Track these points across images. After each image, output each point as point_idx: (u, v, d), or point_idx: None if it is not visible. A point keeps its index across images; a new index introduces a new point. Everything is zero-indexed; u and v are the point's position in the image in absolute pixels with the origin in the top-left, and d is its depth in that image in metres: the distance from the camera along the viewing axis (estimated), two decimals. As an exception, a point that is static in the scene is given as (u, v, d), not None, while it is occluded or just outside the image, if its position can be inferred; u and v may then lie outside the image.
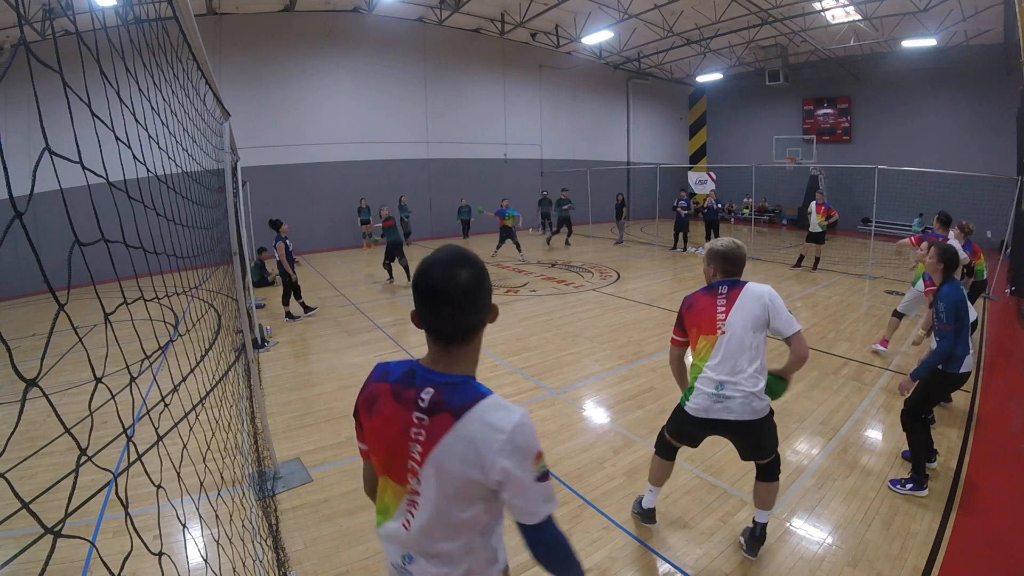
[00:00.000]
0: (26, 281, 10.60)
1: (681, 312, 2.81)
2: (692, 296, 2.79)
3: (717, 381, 2.59)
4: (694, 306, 2.74)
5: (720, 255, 2.72)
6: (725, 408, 2.58)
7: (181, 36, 2.30)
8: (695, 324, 2.72)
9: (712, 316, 2.65)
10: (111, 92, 1.32)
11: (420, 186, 16.80)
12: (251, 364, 3.96)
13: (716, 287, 2.72)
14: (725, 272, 2.72)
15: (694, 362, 2.74)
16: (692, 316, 2.74)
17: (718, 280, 2.74)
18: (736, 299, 2.63)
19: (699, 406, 2.66)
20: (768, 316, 2.60)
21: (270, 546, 2.86)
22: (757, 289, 2.64)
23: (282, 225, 8.11)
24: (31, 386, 0.75)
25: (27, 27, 9.98)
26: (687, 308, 2.78)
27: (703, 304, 2.71)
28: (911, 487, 3.41)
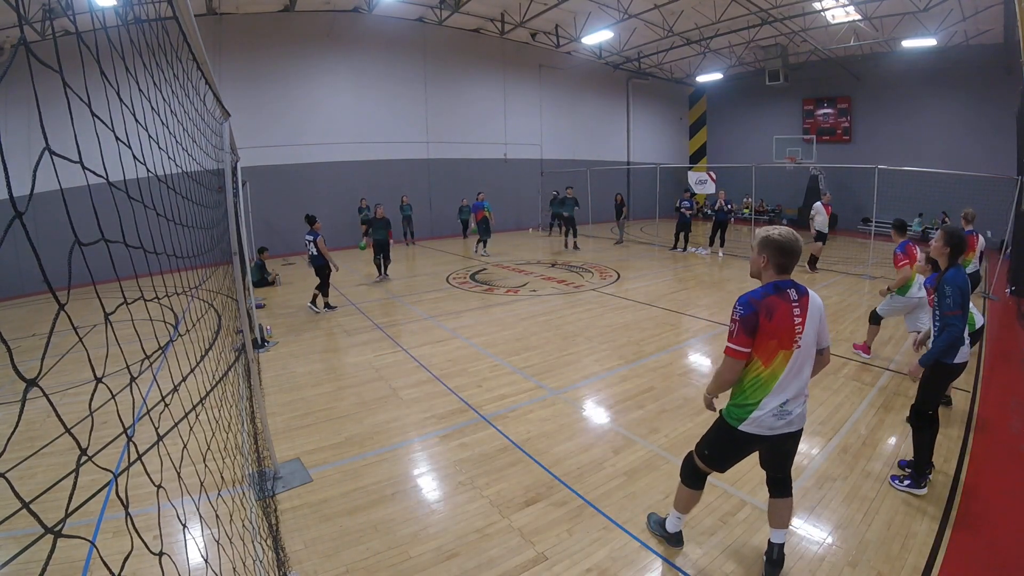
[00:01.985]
0: (26, 281, 10.60)
1: (758, 319, 2.34)
2: (767, 299, 2.36)
3: (783, 399, 2.40)
4: (775, 314, 2.34)
5: (776, 246, 2.40)
6: (788, 423, 2.44)
7: (181, 36, 2.30)
8: (775, 335, 2.35)
9: (791, 328, 2.36)
10: (111, 92, 1.32)
11: (420, 186, 16.81)
12: (251, 364, 3.96)
13: (785, 290, 2.39)
14: (779, 267, 2.42)
15: (759, 377, 2.41)
16: (773, 325, 2.34)
17: (777, 279, 2.43)
18: (807, 309, 2.40)
19: (762, 425, 2.43)
20: (822, 326, 2.49)
21: (270, 546, 2.86)
22: (817, 300, 2.47)
23: (316, 221, 8.29)
24: (31, 386, 0.75)
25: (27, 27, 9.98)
26: (766, 315, 2.34)
27: (782, 312, 2.35)
28: (908, 484, 3.42)
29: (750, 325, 2.36)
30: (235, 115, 4.68)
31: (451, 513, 3.33)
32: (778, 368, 2.39)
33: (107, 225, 1.09)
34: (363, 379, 5.60)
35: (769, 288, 2.41)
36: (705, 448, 2.69)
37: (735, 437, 2.52)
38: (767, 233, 2.46)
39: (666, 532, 2.98)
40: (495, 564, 2.87)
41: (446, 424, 4.54)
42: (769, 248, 2.43)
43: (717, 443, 2.63)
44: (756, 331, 2.36)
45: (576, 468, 3.81)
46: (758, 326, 2.35)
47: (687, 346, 6.51)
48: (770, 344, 2.37)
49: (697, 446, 2.75)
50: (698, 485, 2.78)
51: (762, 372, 2.40)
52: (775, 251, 2.42)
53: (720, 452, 2.64)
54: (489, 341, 6.74)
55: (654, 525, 3.08)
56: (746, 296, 2.40)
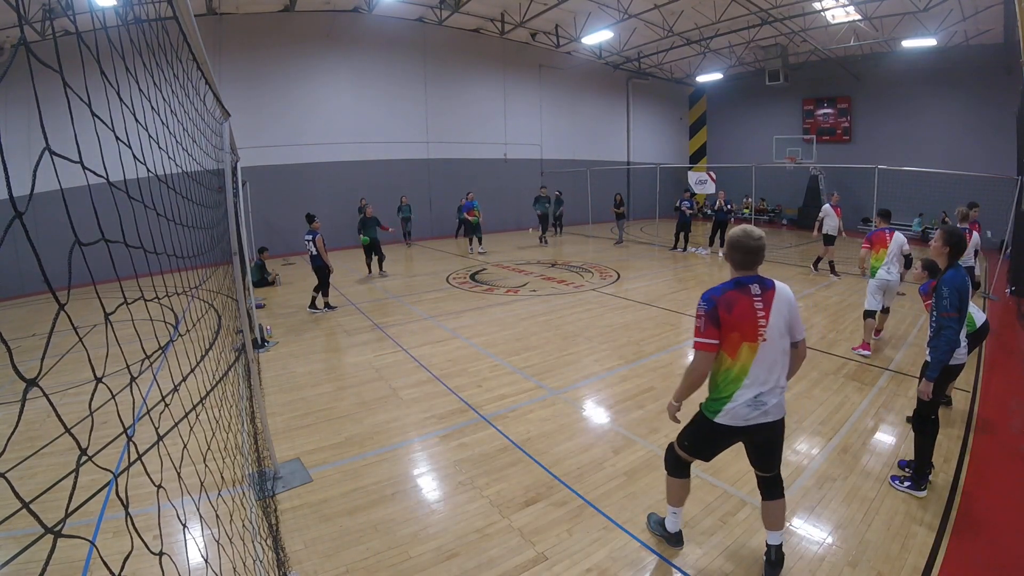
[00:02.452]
0: (26, 281, 10.60)
1: (718, 313, 2.44)
2: (726, 294, 2.46)
3: (757, 391, 2.47)
4: (734, 307, 2.44)
5: (732, 244, 2.53)
6: (763, 413, 2.50)
7: (181, 36, 2.30)
8: (736, 328, 2.44)
9: (754, 321, 2.44)
10: (111, 92, 1.32)
11: (420, 186, 16.81)
12: (251, 364, 3.96)
13: (747, 285, 2.49)
14: (737, 263, 2.53)
15: (728, 370, 2.50)
16: (733, 319, 2.43)
17: (742, 275, 2.53)
18: (772, 303, 2.47)
19: (736, 416, 2.50)
20: (793, 319, 2.54)
21: (270, 546, 2.86)
22: (787, 293, 2.53)
23: (315, 220, 8.27)
24: (31, 386, 0.75)
25: (27, 27, 9.98)
26: (726, 309, 2.44)
27: (743, 306, 2.44)
28: (908, 485, 3.41)
29: (714, 318, 2.46)
30: (235, 115, 4.68)
31: (451, 513, 3.34)
32: (746, 361, 2.47)
33: (107, 225, 1.09)
34: (363, 379, 5.60)
35: (730, 284, 2.52)
36: (685, 440, 2.76)
37: (713, 429, 2.60)
38: (729, 232, 2.59)
39: (666, 532, 2.98)
40: (495, 564, 2.87)
41: (446, 424, 4.54)
42: (728, 246, 2.57)
43: (696, 435, 2.72)
44: (720, 324, 2.45)
45: (576, 468, 3.81)
46: (719, 320, 2.45)
47: (687, 346, 6.51)
48: (732, 336, 2.45)
49: (678, 437, 2.82)
50: (684, 473, 2.84)
51: (731, 366, 2.49)
52: (731, 248, 2.55)
53: (700, 443, 2.72)
54: (489, 341, 6.74)
55: (654, 525, 3.09)
56: (707, 292, 2.52)
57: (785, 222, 21.06)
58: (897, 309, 8.01)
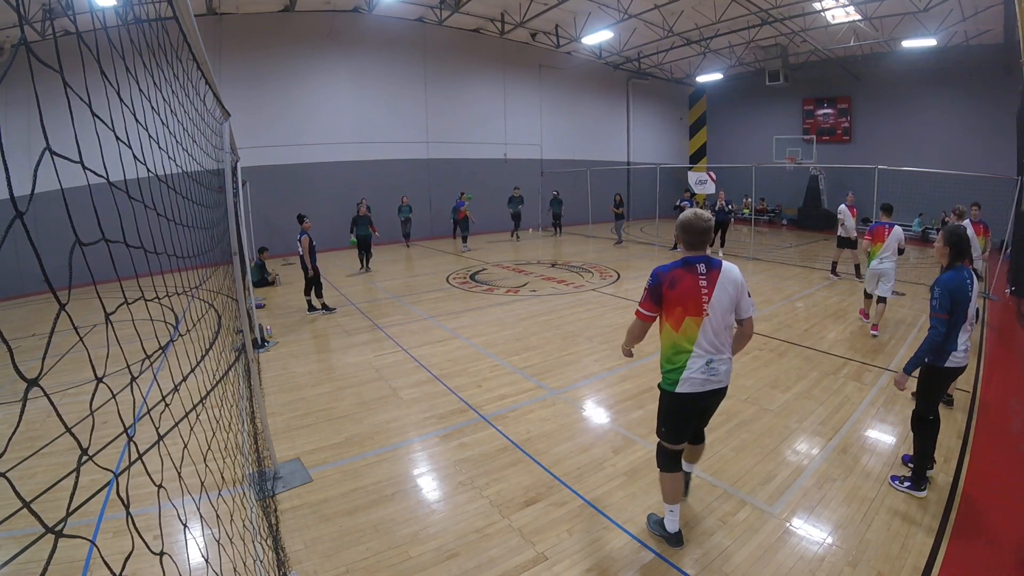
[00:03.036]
0: (26, 281, 10.60)
1: (661, 288, 2.70)
2: (671, 272, 2.71)
3: (707, 359, 2.72)
4: (677, 284, 2.68)
5: (681, 226, 2.77)
6: (716, 379, 2.75)
7: (181, 36, 2.30)
8: (680, 303, 2.69)
9: (697, 298, 2.68)
10: (111, 92, 1.32)
11: (420, 186, 16.81)
12: (251, 364, 3.96)
13: (693, 265, 2.71)
14: (686, 244, 2.77)
15: (676, 342, 2.74)
16: (676, 295, 2.68)
17: (687, 255, 2.76)
18: (716, 281, 2.70)
19: (694, 383, 2.74)
20: (739, 297, 2.76)
21: (270, 546, 2.86)
22: (733, 273, 2.75)
23: (305, 220, 8.12)
24: (32, 386, 0.75)
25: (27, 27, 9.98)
26: (668, 285, 2.69)
27: (687, 284, 2.68)
28: (908, 485, 3.41)
29: (656, 294, 2.73)
30: (235, 115, 4.68)
31: (451, 513, 3.34)
32: (691, 332, 2.71)
33: (107, 225, 1.09)
34: (363, 379, 5.60)
35: (678, 263, 2.75)
36: (662, 427, 2.93)
37: (678, 400, 2.80)
38: (681, 216, 2.81)
39: (665, 532, 3.00)
40: (495, 564, 2.87)
41: (446, 424, 4.54)
42: (679, 228, 2.79)
43: (667, 414, 2.89)
44: (661, 299, 2.72)
45: (576, 468, 3.81)
46: (662, 295, 2.71)
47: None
48: (676, 311, 2.71)
49: (657, 431, 2.99)
50: (675, 467, 2.95)
51: (677, 337, 2.73)
52: (680, 230, 2.79)
53: (673, 422, 2.88)
54: (489, 341, 6.74)
55: (654, 525, 3.10)
56: (656, 269, 2.77)
57: (785, 222, 21.06)
58: (897, 310, 8.01)
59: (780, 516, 3.20)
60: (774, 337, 6.59)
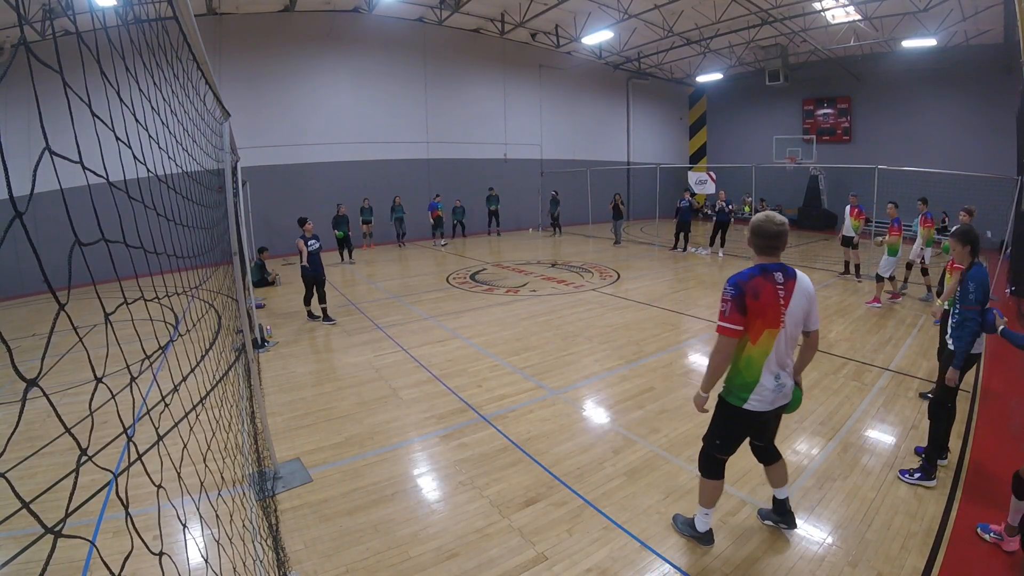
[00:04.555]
0: (26, 281, 10.60)
1: (745, 300, 2.47)
2: (752, 281, 2.50)
3: (776, 373, 2.59)
4: (760, 294, 2.48)
5: (753, 229, 2.60)
6: (783, 395, 2.64)
7: (181, 36, 2.30)
8: (761, 315, 2.49)
9: (777, 308, 2.51)
10: (111, 92, 1.32)
11: (420, 186, 16.80)
12: (251, 364, 3.96)
13: (771, 272, 2.53)
14: (760, 248, 2.59)
15: (751, 356, 2.55)
16: (759, 305, 2.48)
17: (763, 261, 2.58)
18: (792, 292, 2.54)
19: (763, 400, 2.59)
20: (811, 307, 2.62)
21: (270, 546, 2.86)
22: (806, 283, 2.61)
23: (306, 223, 7.70)
24: (31, 386, 0.75)
25: (27, 27, 9.98)
26: (752, 295, 2.47)
27: (768, 294, 2.50)
28: (919, 476, 3.47)
29: (741, 304, 2.49)
30: (235, 115, 4.68)
31: (451, 513, 3.34)
32: (767, 346, 2.54)
33: (107, 225, 1.09)
34: (363, 379, 5.60)
35: (755, 270, 2.56)
36: (716, 438, 2.80)
37: (744, 416, 2.64)
38: (753, 218, 2.65)
39: (696, 532, 2.96)
40: (495, 564, 2.87)
41: (446, 424, 4.54)
42: (750, 232, 2.63)
43: (726, 428, 2.76)
44: (746, 310, 2.49)
45: (576, 468, 3.81)
46: (746, 306, 2.49)
47: (687, 346, 6.51)
48: (757, 323, 2.51)
49: (707, 440, 2.87)
50: (719, 475, 2.87)
51: (752, 351, 2.55)
52: (753, 233, 2.62)
53: (730, 436, 2.76)
54: (489, 341, 6.74)
55: (682, 526, 3.05)
56: (734, 278, 2.55)
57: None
58: (897, 311, 8.03)
59: (780, 516, 3.20)
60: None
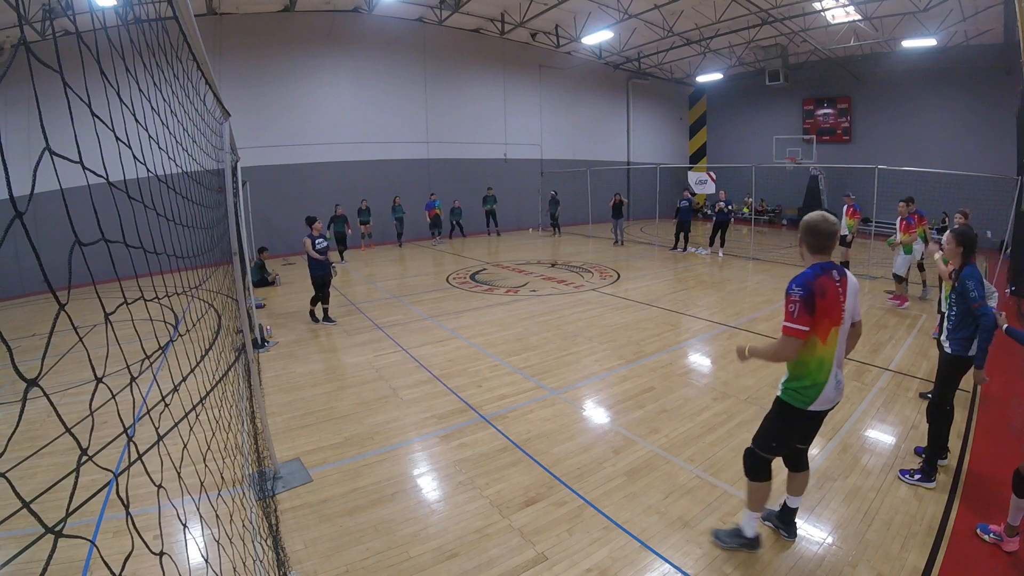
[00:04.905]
0: (26, 281, 10.60)
1: (814, 299, 2.44)
2: (818, 280, 2.48)
3: (835, 371, 2.59)
4: (827, 293, 2.48)
5: (806, 228, 2.59)
6: (840, 392, 2.63)
7: (181, 36, 2.30)
8: (827, 314, 2.48)
9: (839, 305, 2.53)
10: (111, 92, 1.32)
11: (420, 186, 16.80)
12: (251, 364, 3.96)
13: (830, 271, 2.53)
14: (813, 247, 2.58)
15: (822, 356, 2.52)
16: (826, 304, 2.47)
17: (818, 261, 2.57)
18: (847, 288, 2.57)
19: (827, 400, 2.57)
20: (856, 302, 2.65)
21: (270, 546, 2.86)
22: (853, 278, 2.65)
23: (315, 222, 7.57)
24: (32, 386, 0.75)
25: (27, 27, 9.98)
26: (820, 295, 2.45)
27: (832, 291, 2.50)
28: (919, 478, 3.48)
29: (811, 305, 2.44)
30: (235, 115, 4.68)
31: (451, 513, 3.34)
32: (832, 344, 2.54)
33: (107, 225, 1.09)
34: (363, 379, 5.60)
35: (817, 269, 2.54)
36: (772, 441, 2.74)
37: (804, 418, 2.62)
38: (806, 218, 2.62)
39: (745, 539, 2.89)
40: (495, 564, 2.87)
41: (446, 424, 4.54)
42: (802, 231, 2.61)
43: (783, 430, 2.71)
44: (814, 310, 2.45)
45: (576, 468, 3.81)
46: (815, 306, 2.45)
47: (687, 346, 6.51)
48: (824, 322, 2.49)
49: (759, 442, 2.80)
50: (768, 475, 2.82)
51: (823, 351, 2.52)
52: (806, 232, 2.59)
53: (787, 437, 2.73)
54: (489, 341, 6.74)
55: (727, 539, 2.94)
56: (799, 278, 2.50)
57: (785, 222, 21.06)
58: (897, 312, 8.03)
59: (780, 516, 3.20)
60: (775, 337, 6.56)
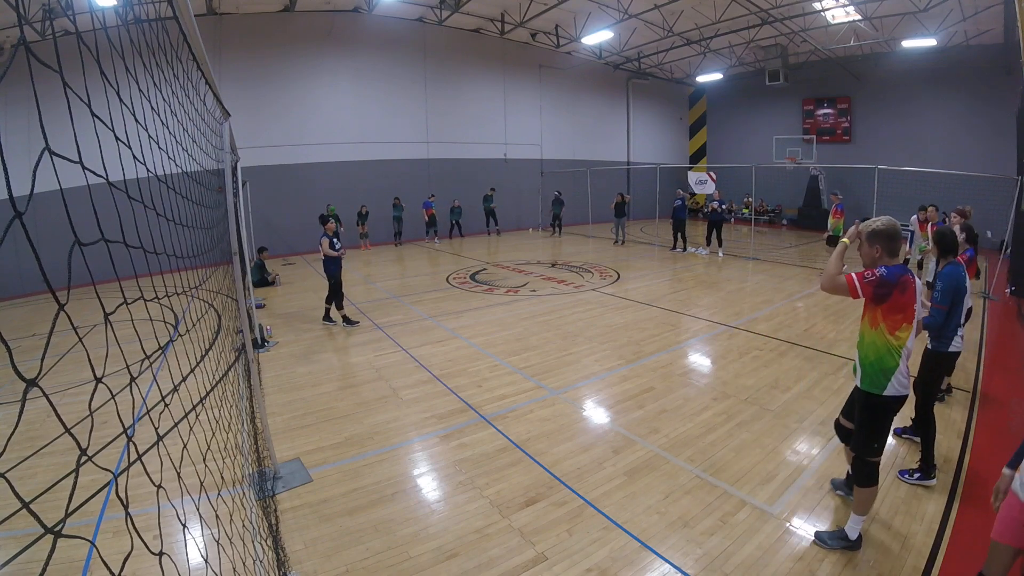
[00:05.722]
0: (26, 281, 10.60)
1: (893, 291, 2.64)
2: (903, 277, 2.66)
3: (906, 362, 2.78)
4: (907, 289, 2.67)
5: (885, 235, 2.74)
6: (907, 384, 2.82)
7: (181, 36, 2.30)
8: (902, 309, 2.68)
9: (914, 304, 2.73)
10: (111, 92, 1.32)
11: (420, 186, 16.81)
12: (251, 364, 3.96)
13: (907, 272, 2.72)
14: (891, 252, 2.75)
15: (890, 347, 2.73)
16: (904, 300, 2.67)
17: (892, 264, 2.73)
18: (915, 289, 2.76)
19: (900, 388, 2.79)
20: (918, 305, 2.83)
21: (270, 546, 2.86)
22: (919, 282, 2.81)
23: (328, 222, 7.55)
24: (31, 386, 0.75)
25: (27, 27, 9.98)
26: (900, 290, 2.65)
27: (911, 291, 2.69)
28: (919, 477, 3.52)
29: (885, 288, 2.64)
30: (235, 115, 4.68)
31: (451, 513, 3.34)
32: (904, 338, 2.73)
33: (107, 225, 1.09)
34: (363, 379, 5.60)
35: (900, 269, 2.72)
36: (875, 443, 2.87)
37: (888, 407, 2.82)
38: (871, 227, 2.78)
39: (849, 541, 2.91)
40: (495, 564, 2.87)
41: (446, 424, 4.54)
42: (879, 239, 2.75)
43: (882, 428, 2.87)
44: (885, 299, 2.66)
45: (576, 468, 3.81)
46: (890, 296, 2.65)
47: (687, 346, 6.51)
48: (896, 316, 2.69)
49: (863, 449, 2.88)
50: (876, 479, 2.93)
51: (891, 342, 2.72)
52: (885, 239, 2.75)
53: (885, 431, 2.88)
54: (489, 341, 6.74)
55: (832, 540, 2.94)
56: (890, 270, 2.68)
57: (785, 222, 21.05)
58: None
59: (780, 516, 3.20)
60: (774, 337, 6.58)
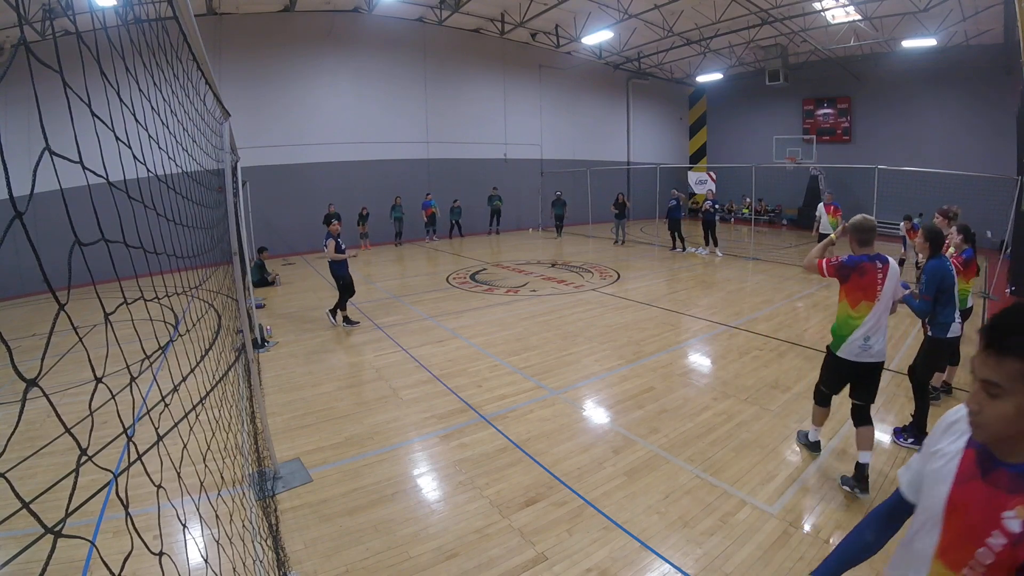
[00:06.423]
0: (26, 281, 10.60)
1: (850, 272, 3.32)
2: (863, 263, 3.30)
3: (865, 335, 3.32)
4: (866, 273, 3.29)
5: (854, 227, 3.37)
6: (868, 354, 3.34)
7: (181, 36, 2.30)
8: (860, 288, 3.30)
9: (875, 286, 3.29)
10: (111, 92, 1.32)
11: (420, 186, 16.82)
12: (251, 364, 3.97)
13: (874, 260, 3.30)
14: (861, 241, 3.35)
15: (850, 317, 3.36)
16: (862, 281, 3.29)
17: (867, 253, 3.33)
18: (887, 274, 3.31)
19: (850, 352, 3.37)
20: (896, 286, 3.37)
21: (270, 546, 2.86)
22: (895, 266, 3.35)
23: (333, 223, 7.58)
24: (31, 386, 0.75)
25: (27, 27, 9.98)
26: (859, 272, 3.30)
27: (871, 274, 3.29)
28: (912, 441, 3.88)
29: (844, 271, 3.36)
30: (235, 115, 4.68)
31: (451, 513, 3.34)
32: (862, 313, 3.32)
33: (107, 225, 1.09)
34: (363, 379, 5.60)
35: (863, 257, 3.33)
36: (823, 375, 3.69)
37: (836, 361, 3.48)
38: (852, 220, 3.42)
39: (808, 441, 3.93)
40: (495, 564, 2.87)
41: (446, 424, 4.54)
42: (852, 231, 3.39)
43: (827, 368, 3.62)
44: (847, 280, 3.35)
45: (576, 468, 3.81)
46: (849, 277, 3.34)
47: (687, 346, 6.52)
48: (856, 294, 3.32)
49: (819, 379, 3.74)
50: (826, 403, 3.76)
51: (851, 314, 3.35)
52: (854, 230, 3.37)
53: (830, 375, 3.61)
54: (489, 341, 6.74)
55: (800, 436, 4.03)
56: (852, 257, 3.36)
57: (785, 222, 21.04)
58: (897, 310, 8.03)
59: (780, 516, 3.20)
60: (774, 337, 6.58)
